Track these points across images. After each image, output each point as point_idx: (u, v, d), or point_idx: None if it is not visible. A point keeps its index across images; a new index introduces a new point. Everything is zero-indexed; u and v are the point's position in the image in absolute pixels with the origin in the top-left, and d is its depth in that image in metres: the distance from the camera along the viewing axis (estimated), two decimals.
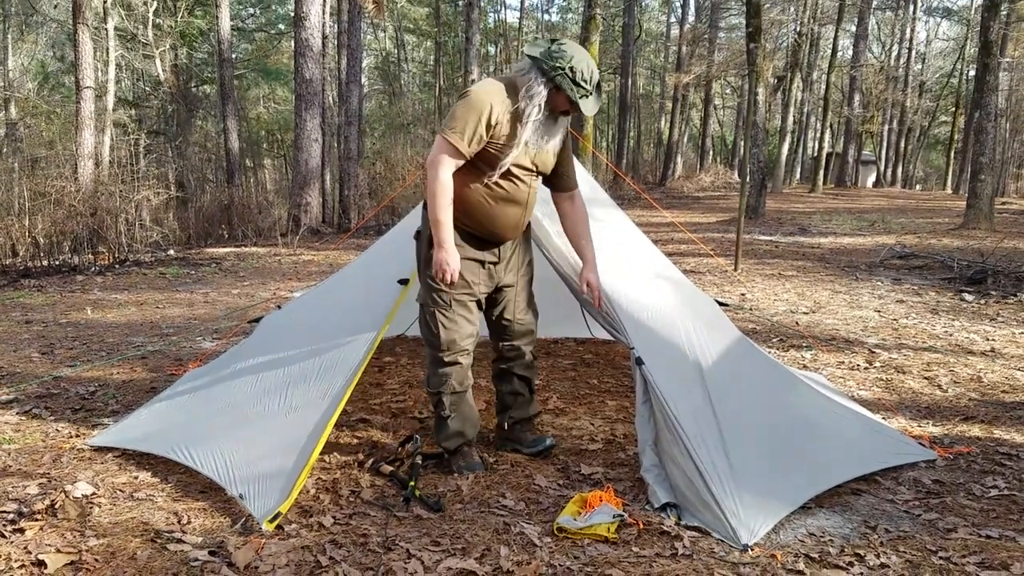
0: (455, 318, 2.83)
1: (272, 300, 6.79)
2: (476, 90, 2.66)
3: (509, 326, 3.02)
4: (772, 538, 2.44)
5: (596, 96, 2.68)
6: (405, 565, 2.21)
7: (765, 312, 6.34)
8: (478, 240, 2.83)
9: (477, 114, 2.60)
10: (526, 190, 2.79)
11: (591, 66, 2.63)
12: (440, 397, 2.90)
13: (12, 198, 9.18)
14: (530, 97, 2.62)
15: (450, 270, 2.72)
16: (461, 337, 2.85)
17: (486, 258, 2.86)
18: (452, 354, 2.85)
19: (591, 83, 2.63)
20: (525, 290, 3.05)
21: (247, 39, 26.67)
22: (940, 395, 4.10)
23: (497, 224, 2.80)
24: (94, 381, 4.20)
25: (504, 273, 2.94)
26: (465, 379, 2.92)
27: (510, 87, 2.68)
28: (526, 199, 2.81)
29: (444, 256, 2.71)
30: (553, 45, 2.65)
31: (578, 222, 2.96)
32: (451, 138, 2.61)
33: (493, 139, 2.66)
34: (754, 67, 14.31)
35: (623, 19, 24.70)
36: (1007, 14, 15.07)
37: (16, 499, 2.61)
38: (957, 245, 10.40)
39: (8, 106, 20.56)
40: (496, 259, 2.89)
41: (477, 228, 2.81)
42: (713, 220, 15.48)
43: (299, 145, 13.16)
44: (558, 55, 2.61)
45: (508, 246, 2.92)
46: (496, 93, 2.65)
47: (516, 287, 2.99)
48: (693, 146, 35.08)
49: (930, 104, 34.14)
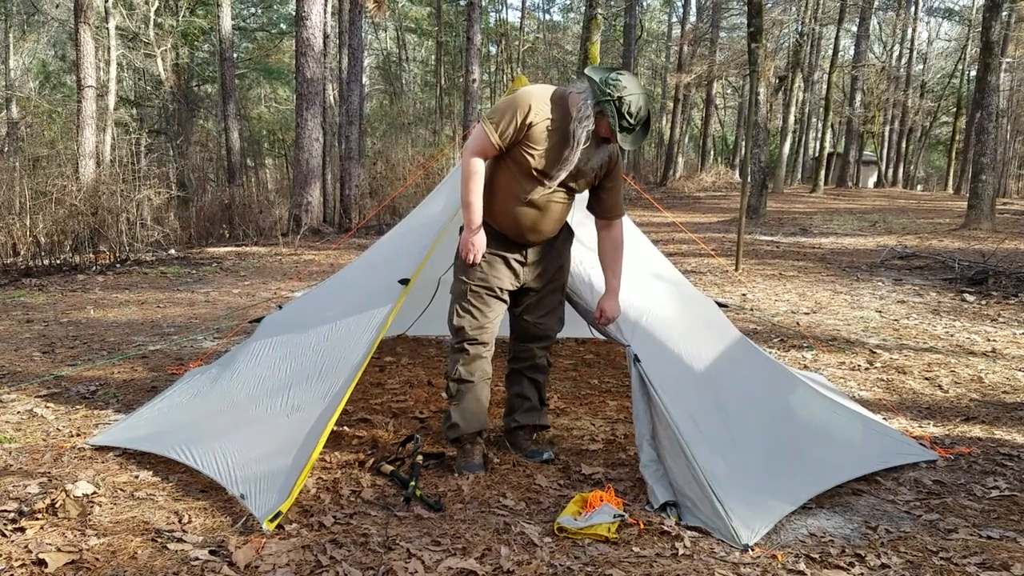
0: (468, 308, 2.90)
1: (273, 300, 6.79)
2: (523, 90, 2.76)
3: (528, 327, 3.06)
4: (773, 538, 2.44)
5: (640, 133, 2.68)
6: (405, 565, 2.21)
7: (766, 312, 6.34)
8: (502, 237, 2.89)
9: (514, 111, 2.69)
10: (547, 200, 2.82)
11: (640, 103, 2.63)
12: (448, 383, 2.97)
13: (13, 197, 9.18)
14: (579, 120, 2.66)
15: (474, 251, 2.82)
16: (470, 327, 2.89)
17: (511, 256, 2.91)
18: (460, 342, 2.91)
19: (635, 118, 2.64)
20: (551, 296, 3.06)
21: (248, 38, 26.68)
22: (941, 395, 4.09)
23: (513, 225, 2.85)
24: (95, 380, 4.20)
25: (530, 276, 2.98)
26: (475, 371, 2.93)
27: (558, 98, 2.74)
28: (546, 206, 2.83)
29: (470, 236, 2.82)
30: (612, 74, 2.68)
31: (607, 251, 2.97)
32: (487, 127, 2.73)
33: (528, 141, 2.72)
34: (755, 67, 14.29)
35: (624, 19, 24.65)
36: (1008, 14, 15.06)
37: (17, 498, 2.61)
38: (958, 245, 10.39)
39: (9, 105, 20.57)
40: (523, 260, 2.94)
41: (498, 225, 2.88)
42: (714, 220, 15.48)
43: (300, 144, 13.17)
44: (613, 83, 2.63)
45: (536, 250, 2.95)
46: (540, 99, 2.72)
47: (541, 292, 3.01)
48: (694, 146, 35.09)
49: (931, 104, 34.11)
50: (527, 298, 3.03)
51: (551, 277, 3.02)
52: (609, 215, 2.94)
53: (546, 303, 3.05)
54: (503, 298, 2.95)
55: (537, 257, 2.97)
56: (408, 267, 3.13)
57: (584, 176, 2.82)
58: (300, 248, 11.27)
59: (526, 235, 2.89)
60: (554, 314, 3.09)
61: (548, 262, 3.00)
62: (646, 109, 2.65)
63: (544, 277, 3.01)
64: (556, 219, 2.91)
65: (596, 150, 2.74)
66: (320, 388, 2.85)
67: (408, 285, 3.08)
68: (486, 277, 2.89)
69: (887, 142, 33.57)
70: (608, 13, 26.19)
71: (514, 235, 2.89)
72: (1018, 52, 23.20)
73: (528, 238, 2.90)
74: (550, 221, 2.89)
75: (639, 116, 2.64)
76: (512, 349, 3.15)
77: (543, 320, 3.05)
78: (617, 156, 2.86)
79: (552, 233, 2.95)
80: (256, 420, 2.90)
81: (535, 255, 2.96)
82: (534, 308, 3.04)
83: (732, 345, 3.40)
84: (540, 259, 2.98)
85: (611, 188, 2.90)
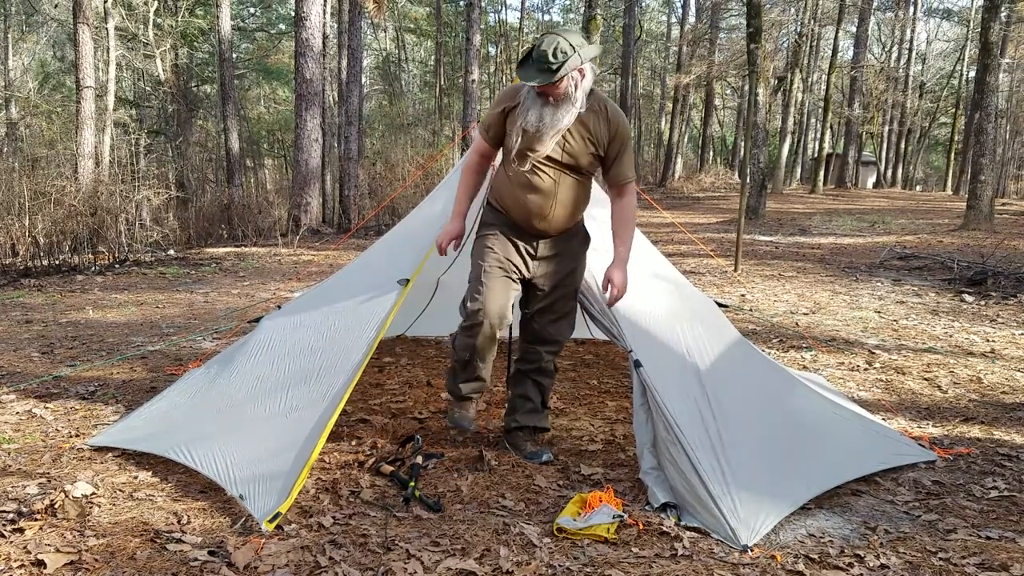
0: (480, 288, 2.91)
1: (272, 300, 6.79)
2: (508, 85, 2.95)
3: (537, 331, 3.08)
4: (772, 539, 2.44)
5: (532, 65, 2.69)
6: (405, 565, 2.21)
7: (765, 313, 6.34)
8: (514, 225, 2.97)
9: (494, 105, 2.95)
10: (549, 182, 2.86)
11: (547, 42, 2.66)
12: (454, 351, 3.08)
13: (12, 198, 9.16)
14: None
15: (444, 237, 3.01)
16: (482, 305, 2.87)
17: (521, 243, 2.97)
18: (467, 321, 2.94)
19: (534, 55, 2.69)
20: (563, 301, 3.05)
21: (248, 39, 26.68)
22: (940, 396, 4.10)
23: (520, 210, 2.91)
24: (94, 381, 4.20)
25: (540, 272, 3.00)
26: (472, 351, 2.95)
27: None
28: (550, 190, 2.87)
29: (447, 225, 3.04)
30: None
31: (616, 219, 3.00)
32: (479, 127, 3.03)
33: (509, 127, 2.89)
34: (755, 68, 14.30)
35: (624, 19, 24.68)
36: (1007, 15, 15.08)
37: (16, 499, 2.61)
38: (957, 246, 10.40)
39: (9, 106, 20.56)
40: (533, 252, 2.98)
41: (507, 212, 2.97)
42: (713, 221, 15.48)
43: (299, 145, 13.16)
44: (537, 40, 2.77)
45: (547, 245, 2.97)
46: (517, 87, 2.88)
47: (552, 295, 3.02)
48: (693, 147, 35.10)
49: (930, 105, 34.16)
50: (537, 300, 3.03)
51: (562, 280, 3.02)
52: (617, 180, 2.96)
53: (557, 308, 3.05)
54: (514, 278, 2.96)
55: (548, 253, 2.98)
56: (407, 267, 3.13)
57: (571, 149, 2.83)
58: (299, 249, 11.27)
59: (534, 222, 2.91)
60: (565, 320, 3.09)
61: (560, 263, 3.00)
62: (545, 45, 2.65)
63: (554, 277, 3.00)
64: (563, 206, 2.91)
65: (554, 109, 2.74)
66: (319, 388, 2.85)
67: (407, 285, 3.08)
68: (499, 256, 2.94)
69: (886, 143, 33.60)
70: (607, 14, 26.21)
71: (524, 223, 2.93)
72: (1017, 53, 23.23)
73: (537, 226, 2.92)
74: (557, 207, 2.89)
75: (536, 53, 2.69)
76: (520, 349, 3.16)
77: (553, 324, 3.06)
78: (619, 124, 2.87)
79: (562, 224, 2.95)
80: (255, 420, 2.90)
81: (546, 250, 2.98)
82: (545, 312, 3.04)
83: (732, 346, 3.40)
84: (551, 256, 2.99)
85: (617, 155, 2.92)
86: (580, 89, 2.73)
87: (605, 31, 26.47)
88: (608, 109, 2.86)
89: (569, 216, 2.96)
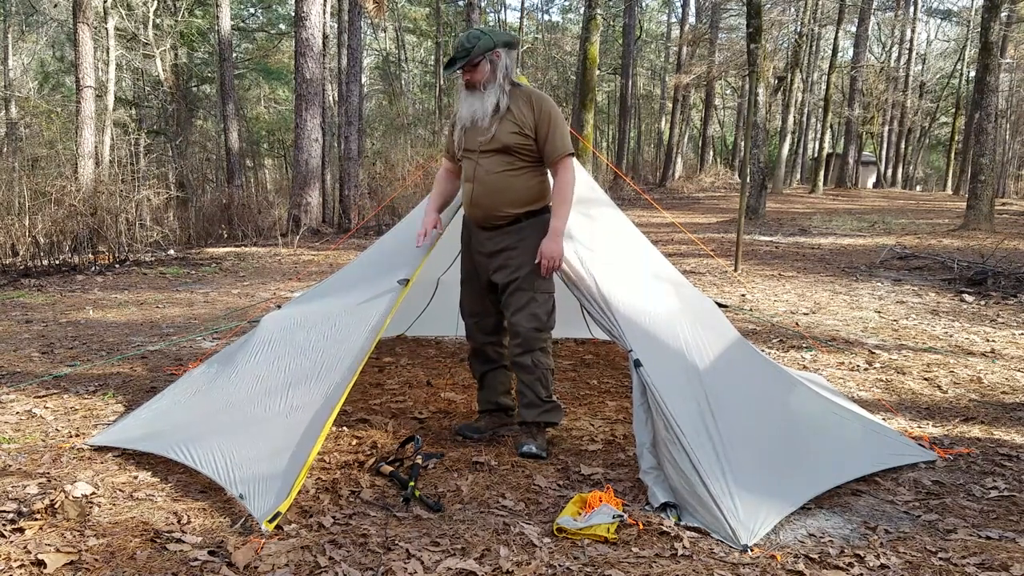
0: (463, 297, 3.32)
1: (272, 300, 6.79)
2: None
3: (505, 325, 3.22)
4: (772, 539, 2.44)
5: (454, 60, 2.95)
6: (405, 565, 2.21)
7: (765, 313, 6.34)
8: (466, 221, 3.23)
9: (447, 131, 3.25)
10: (471, 167, 3.06)
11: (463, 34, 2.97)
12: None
13: (12, 197, 9.16)
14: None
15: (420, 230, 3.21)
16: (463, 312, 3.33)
17: (474, 245, 3.19)
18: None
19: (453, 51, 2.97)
20: (518, 294, 3.08)
21: (248, 39, 26.68)
22: (940, 396, 4.10)
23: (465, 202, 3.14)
24: (94, 380, 4.20)
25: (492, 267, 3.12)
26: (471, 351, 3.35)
27: None
28: (471, 175, 3.06)
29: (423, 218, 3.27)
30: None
31: (554, 194, 3.08)
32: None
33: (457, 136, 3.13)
34: (755, 68, 14.30)
35: (624, 19, 24.70)
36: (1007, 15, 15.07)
37: (16, 499, 2.61)
38: (957, 246, 10.40)
39: (8, 106, 20.56)
40: (481, 250, 3.14)
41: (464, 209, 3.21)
42: (713, 221, 15.48)
43: (299, 145, 13.16)
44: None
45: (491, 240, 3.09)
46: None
47: (508, 289, 3.09)
48: (693, 147, 35.08)
49: (930, 105, 34.16)
50: (501, 294, 3.15)
51: (513, 274, 3.06)
52: (550, 158, 3.05)
53: (512, 301, 3.09)
54: (474, 285, 3.21)
55: (495, 248, 3.08)
56: (407, 267, 3.13)
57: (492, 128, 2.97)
58: (299, 248, 11.27)
59: (469, 211, 3.13)
60: (521, 312, 3.07)
61: (508, 257, 3.07)
62: (461, 36, 2.97)
63: (505, 272, 3.07)
64: (485, 187, 3.01)
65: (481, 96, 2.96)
66: (319, 387, 2.85)
67: (407, 285, 3.08)
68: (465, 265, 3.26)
69: (886, 142, 33.60)
70: (607, 14, 26.23)
71: (469, 216, 3.16)
72: (1017, 53, 23.22)
73: (471, 214, 3.12)
74: (478, 188, 3.02)
75: (454, 46, 2.98)
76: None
77: (512, 317, 3.10)
78: (542, 104, 2.99)
79: (491, 208, 3.03)
80: (255, 420, 2.90)
81: (492, 244, 3.09)
82: (505, 305, 3.13)
83: (732, 346, 3.39)
84: (499, 251, 3.08)
85: (547, 135, 3.01)
86: (499, 70, 2.94)
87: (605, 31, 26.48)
88: (532, 96, 3.01)
89: (499, 201, 3.02)
